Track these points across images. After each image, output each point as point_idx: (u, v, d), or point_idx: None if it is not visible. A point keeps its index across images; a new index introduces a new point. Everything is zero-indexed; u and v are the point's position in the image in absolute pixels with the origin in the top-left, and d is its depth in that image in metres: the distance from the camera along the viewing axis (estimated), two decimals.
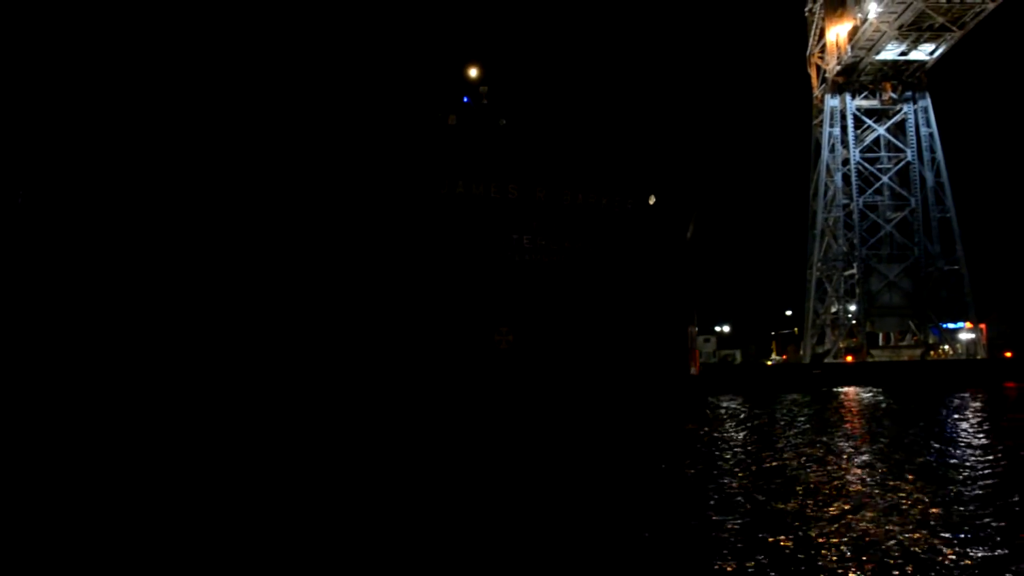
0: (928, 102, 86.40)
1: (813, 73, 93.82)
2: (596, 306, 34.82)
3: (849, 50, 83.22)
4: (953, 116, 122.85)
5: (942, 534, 14.06)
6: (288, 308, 30.79)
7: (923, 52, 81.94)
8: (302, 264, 31.03)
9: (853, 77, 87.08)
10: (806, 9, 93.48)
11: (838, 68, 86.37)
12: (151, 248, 30.21)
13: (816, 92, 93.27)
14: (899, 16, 74.61)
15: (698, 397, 49.05)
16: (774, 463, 23.12)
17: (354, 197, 31.74)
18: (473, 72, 36.42)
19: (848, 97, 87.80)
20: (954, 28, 76.20)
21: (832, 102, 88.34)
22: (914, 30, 77.50)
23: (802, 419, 37.29)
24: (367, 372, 30.83)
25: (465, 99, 35.94)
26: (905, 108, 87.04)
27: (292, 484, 21.15)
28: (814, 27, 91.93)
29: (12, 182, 29.90)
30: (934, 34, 77.99)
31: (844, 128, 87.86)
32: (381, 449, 27.09)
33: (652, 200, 36.16)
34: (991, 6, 72.38)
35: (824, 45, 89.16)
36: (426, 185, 32.41)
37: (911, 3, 72.24)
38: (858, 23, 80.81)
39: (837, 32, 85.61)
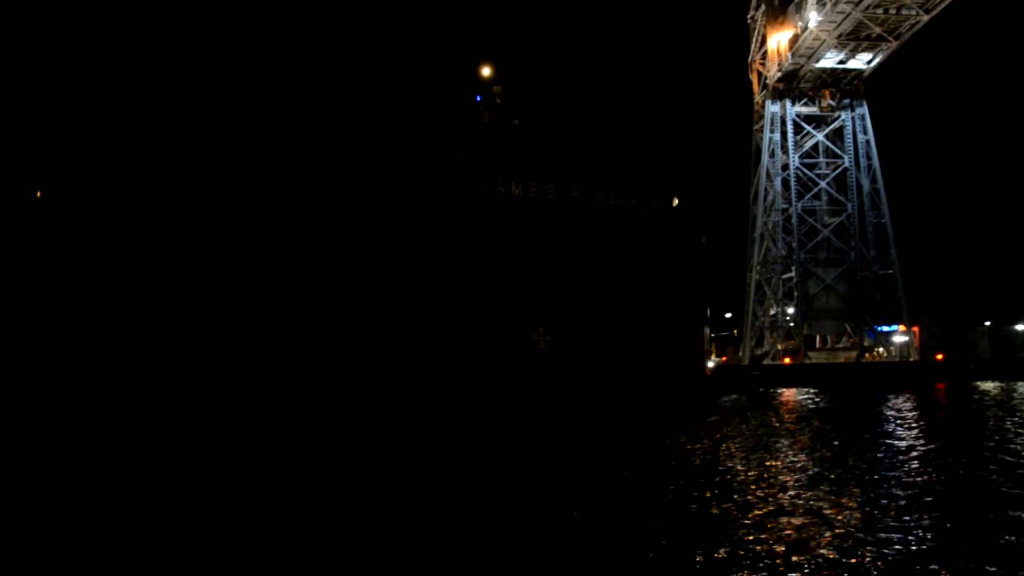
0: (865, 110, 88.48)
1: (754, 79, 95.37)
2: (626, 306, 35.16)
3: (790, 57, 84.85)
4: (889, 124, 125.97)
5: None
6: (340, 303, 30.73)
7: (861, 61, 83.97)
8: (353, 262, 30.92)
9: (793, 84, 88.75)
10: (748, 16, 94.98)
11: (779, 75, 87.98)
12: (210, 242, 30.05)
13: (757, 98, 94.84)
14: (838, 25, 76.27)
15: (712, 397, 50.11)
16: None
17: (402, 195, 31.71)
18: (486, 71, 36.48)
19: (788, 103, 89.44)
20: (890, 39, 78.17)
21: (772, 108, 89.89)
22: (852, 39, 79.37)
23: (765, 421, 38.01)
24: (414, 370, 30.87)
25: (478, 97, 36.12)
26: (843, 115, 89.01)
27: (343, 478, 21.82)
28: (756, 34, 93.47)
29: (31, 176, 29.40)
30: (871, 44, 79.98)
31: (784, 134, 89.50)
32: (421, 444, 27.31)
33: (675, 202, 36.66)
34: (925, 18, 74.39)
35: (766, 52, 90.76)
36: (469, 184, 32.43)
37: (850, 13, 73.90)
38: (799, 31, 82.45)
39: (778, 39, 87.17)
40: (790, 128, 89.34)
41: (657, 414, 34.87)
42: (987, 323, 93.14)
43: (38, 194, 29.25)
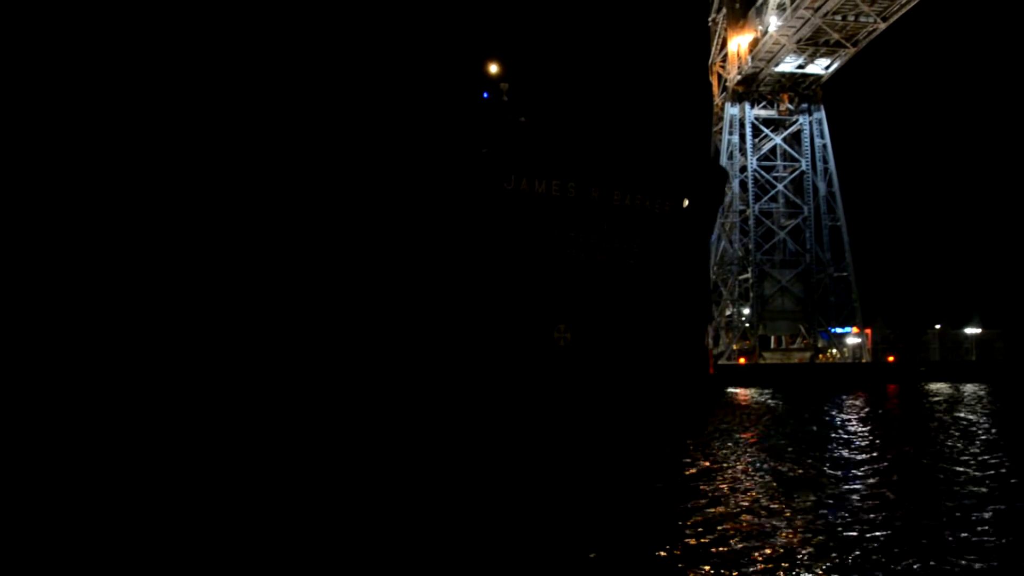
0: (823, 114, 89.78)
1: (715, 81, 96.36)
2: (639, 305, 35.94)
3: (750, 61, 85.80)
4: (846, 129, 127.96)
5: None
6: (361, 300, 30.93)
7: (819, 66, 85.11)
8: (381, 258, 31.07)
9: (753, 87, 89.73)
10: (710, 19, 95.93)
11: (739, 78, 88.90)
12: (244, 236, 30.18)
13: (717, 100, 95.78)
14: (798, 31, 77.24)
15: (717, 396, 52.06)
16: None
17: (430, 191, 31.88)
18: (493, 68, 36.79)
19: (747, 106, 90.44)
20: (848, 45, 79.35)
21: (732, 110, 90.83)
22: (811, 45, 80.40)
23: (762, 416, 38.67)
24: (442, 366, 31.29)
25: (485, 95, 36.44)
26: (801, 119, 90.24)
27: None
28: (717, 37, 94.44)
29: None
30: (830, 49, 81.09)
31: (742, 136, 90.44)
32: (441, 442, 28.28)
33: (686, 203, 37.32)
34: (882, 26, 75.61)
35: (726, 55, 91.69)
36: (494, 180, 32.68)
37: (809, 19, 74.87)
38: (759, 35, 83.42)
39: (739, 43, 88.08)
40: (748, 131, 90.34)
41: (668, 411, 36.18)
42: (937, 326, 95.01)
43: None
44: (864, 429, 33.62)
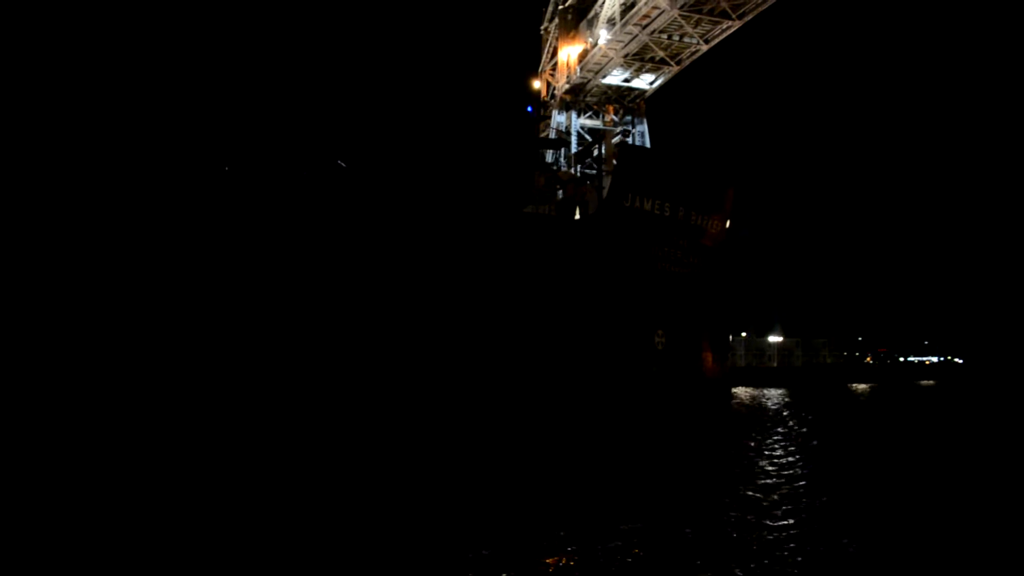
0: (645, 127, 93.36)
1: (544, 89, 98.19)
2: (702, 313, 40.70)
3: (578, 71, 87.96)
4: (666, 142, 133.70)
5: None
6: (505, 312, 33.79)
7: (644, 81, 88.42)
8: (522, 271, 33.77)
9: (580, 97, 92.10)
10: (542, 28, 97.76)
11: (567, 87, 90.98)
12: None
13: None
14: (626, 45, 79.79)
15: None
16: None
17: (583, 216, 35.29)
18: (536, 84, 41.13)
19: (574, 115, 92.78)
20: (672, 63, 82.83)
21: (559, 118, 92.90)
22: (638, 60, 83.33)
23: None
24: (574, 366, 34.89)
25: (528, 108, 40.27)
26: (625, 131, 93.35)
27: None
28: (548, 45, 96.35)
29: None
30: (655, 66, 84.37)
31: (568, 144, 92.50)
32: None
33: (728, 223, 41.74)
34: (704, 48, 79.37)
35: (556, 64, 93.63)
36: (617, 198, 35.93)
37: (637, 35, 77.51)
38: (589, 47, 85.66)
39: (569, 53, 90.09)
40: (574, 139, 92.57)
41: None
42: (744, 334, 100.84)
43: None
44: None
